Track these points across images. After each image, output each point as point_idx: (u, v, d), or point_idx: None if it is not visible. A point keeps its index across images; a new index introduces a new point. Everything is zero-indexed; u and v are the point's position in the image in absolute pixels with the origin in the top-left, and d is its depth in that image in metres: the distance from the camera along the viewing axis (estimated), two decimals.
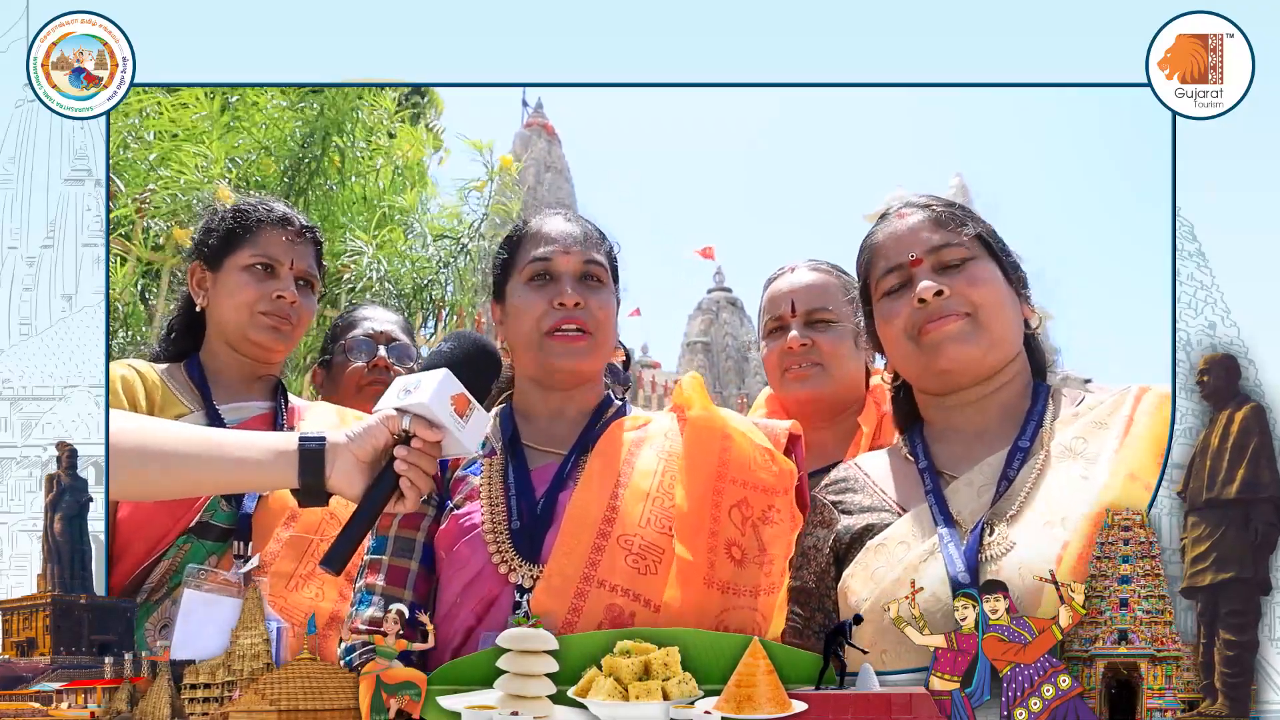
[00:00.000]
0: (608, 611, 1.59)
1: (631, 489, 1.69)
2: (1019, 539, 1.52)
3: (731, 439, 1.74)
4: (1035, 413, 1.65)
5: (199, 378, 2.13)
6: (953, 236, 1.67)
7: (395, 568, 1.72)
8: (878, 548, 1.60)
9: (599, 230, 1.85)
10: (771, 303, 2.41)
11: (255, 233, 2.15)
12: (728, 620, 1.61)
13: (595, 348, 1.77)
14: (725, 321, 20.97)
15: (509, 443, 1.79)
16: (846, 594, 1.61)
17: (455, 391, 1.53)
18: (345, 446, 1.52)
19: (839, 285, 2.38)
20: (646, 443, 1.77)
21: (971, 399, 1.68)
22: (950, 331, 1.63)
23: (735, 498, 1.69)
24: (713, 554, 1.64)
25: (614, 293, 1.84)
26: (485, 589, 1.65)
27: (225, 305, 2.14)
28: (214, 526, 1.97)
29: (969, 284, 1.64)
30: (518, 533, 1.67)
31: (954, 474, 1.64)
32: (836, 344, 2.33)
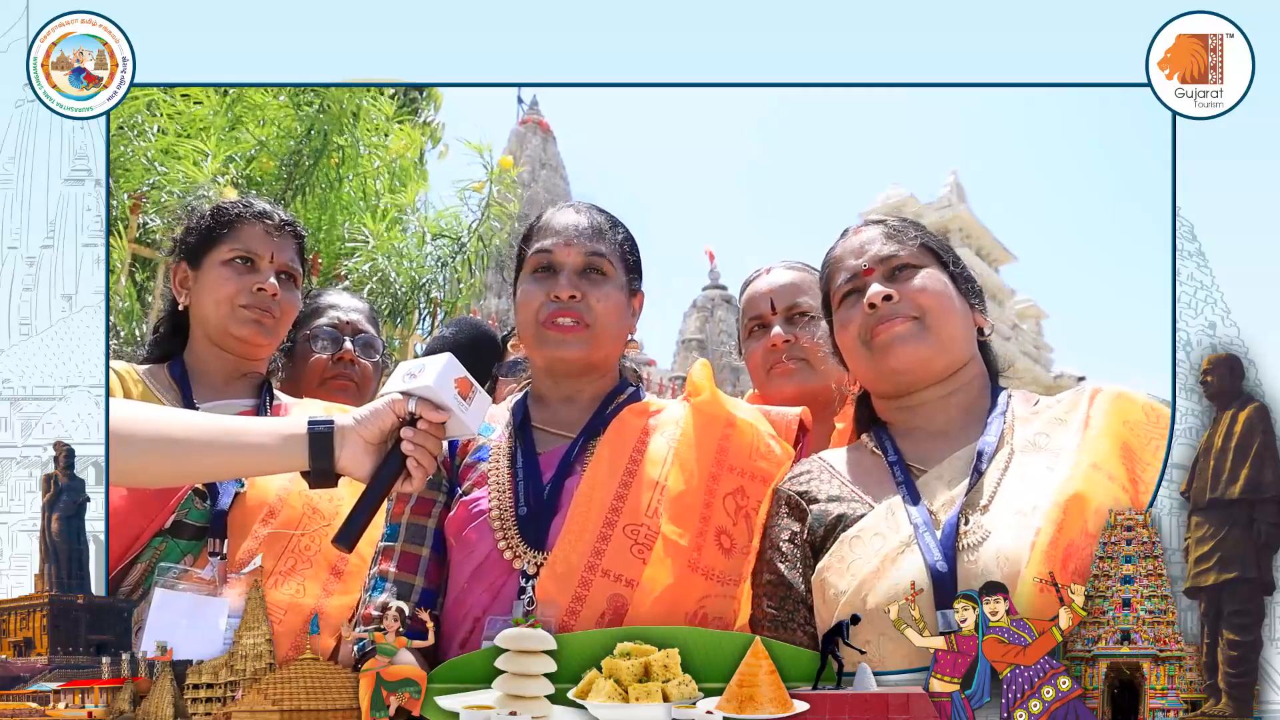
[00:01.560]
0: (611, 601, 1.60)
1: (640, 477, 1.69)
2: (993, 527, 1.54)
3: (735, 426, 1.75)
4: (997, 411, 1.71)
5: (180, 376, 2.11)
6: (901, 248, 1.75)
7: (407, 554, 1.73)
8: (853, 540, 1.61)
9: (610, 222, 1.85)
10: (751, 303, 2.44)
11: (234, 227, 2.14)
12: (707, 606, 1.62)
13: (592, 339, 1.77)
14: (720, 319, 20.99)
15: (518, 427, 1.79)
16: (824, 587, 1.61)
17: (458, 374, 1.57)
18: (353, 429, 1.55)
19: (814, 281, 2.39)
20: (658, 430, 1.77)
21: (930, 399, 1.73)
22: (899, 332, 1.70)
23: (731, 486, 1.70)
24: (701, 539, 1.65)
25: (622, 285, 1.83)
26: (492, 575, 1.66)
27: (207, 301, 2.12)
28: (188, 525, 1.94)
29: (916, 290, 1.72)
30: (524, 519, 1.68)
31: (923, 468, 1.67)
32: (818, 339, 2.34)
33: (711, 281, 21.77)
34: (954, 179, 16.23)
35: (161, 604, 1.75)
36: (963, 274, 1.81)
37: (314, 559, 1.97)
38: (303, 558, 1.97)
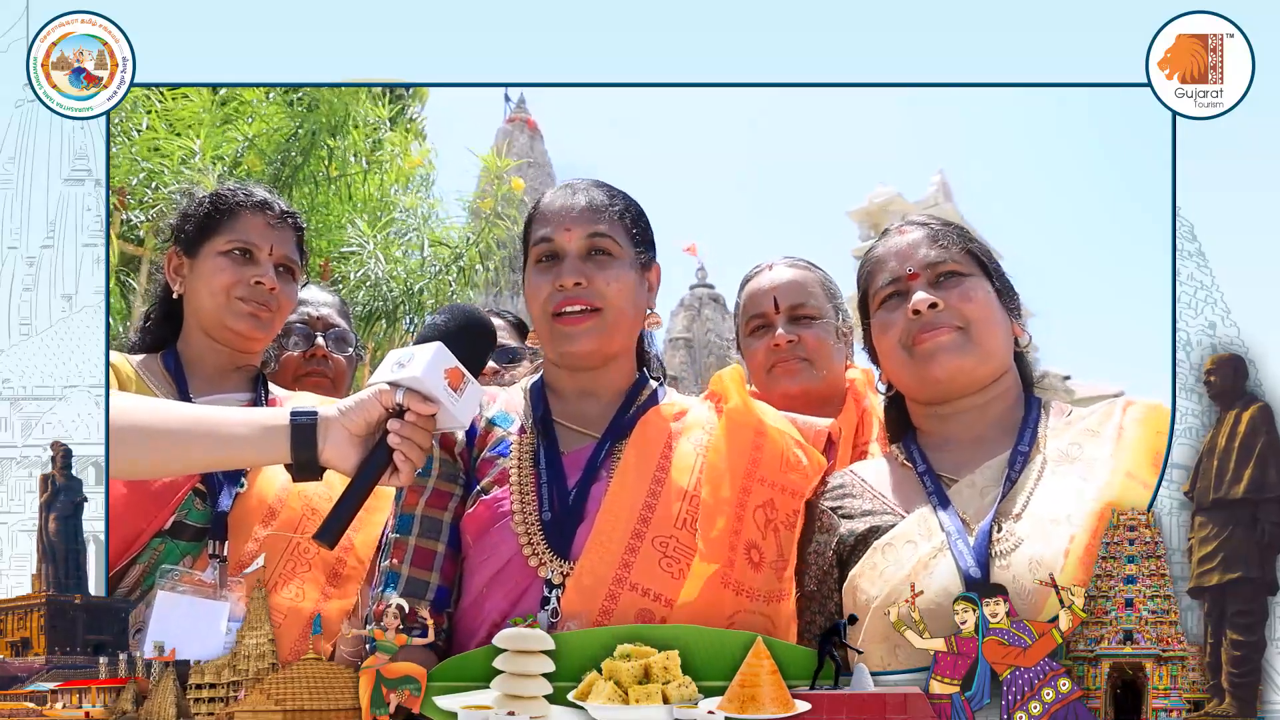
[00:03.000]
0: (639, 616, 1.55)
1: (668, 486, 1.64)
2: (1026, 535, 1.54)
3: (766, 435, 1.70)
4: (1031, 420, 1.70)
5: (175, 368, 2.06)
6: (949, 253, 1.72)
7: (422, 549, 1.67)
8: (885, 547, 1.61)
9: (610, 196, 1.76)
10: (752, 300, 2.40)
11: (233, 217, 2.07)
12: (737, 622, 1.57)
13: (606, 326, 1.70)
14: (707, 318, 20.91)
15: (540, 421, 1.72)
16: (855, 593, 1.61)
17: (449, 365, 1.51)
18: (337, 420, 1.50)
19: (817, 281, 2.40)
20: (684, 434, 1.71)
21: (966, 408, 1.72)
22: (943, 343, 1.68)
23: (762, 498, 1.65)
24: (733, 553, 1.60)
25: (631, 261, 1.74)
26: (514, 580, 1.61)
27: (202, 292, 2.06)
28: (188, 526, 1.90)
29: (962, 299, 1.69)
30: (549, 524, 1.62)
31: (954, 478, 1.66)
32: (821, 339, 2.35)
33: (699, 280, 21.70)
34: (940, 178, 16.27)
35: (162, 606, 1.73)
36: (1005, 283, 1.79)
37: (313, 561, 1.94)
38: (301, 560, 1.94)
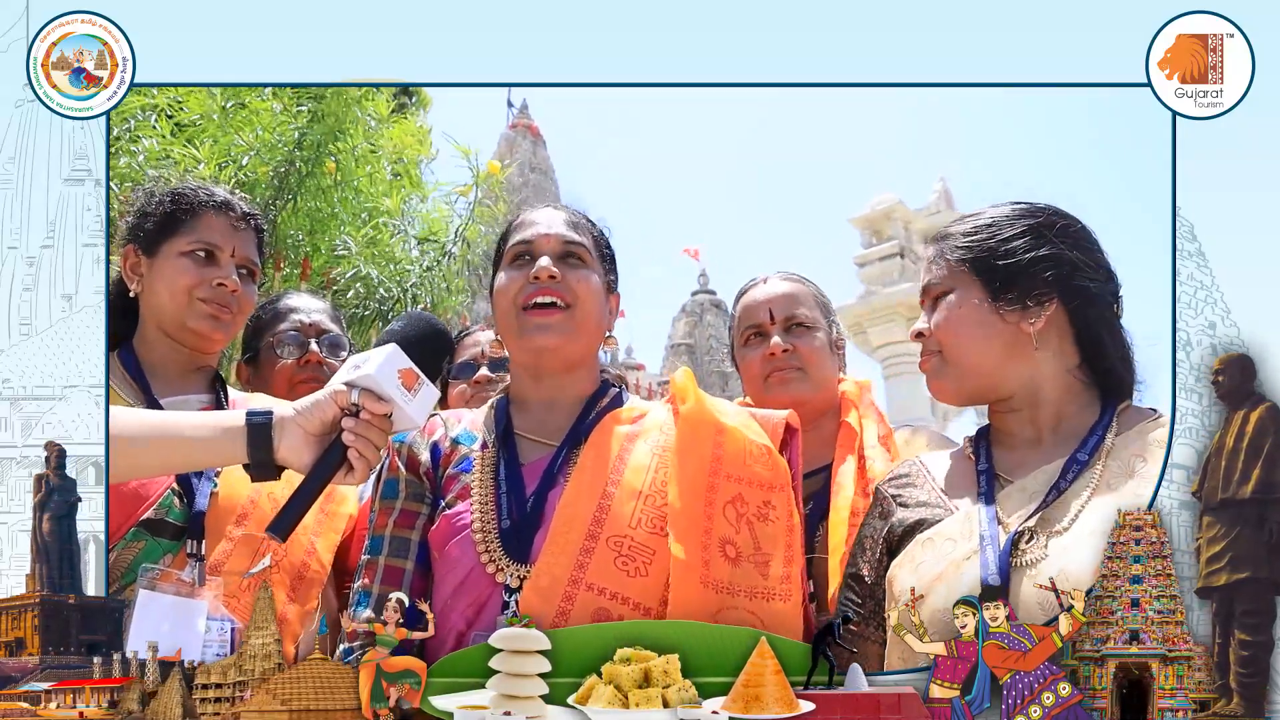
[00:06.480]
0: (596, 615, 1.57)
1: (623, 487, 1.66)
2: (1064, 548, 1.52)
3: (725, 432, 1.71)
4: (1098, 428, 1.65)
5: (135, 369, 2.05)
6: (940, 271, 1.72)
7: (390, 568, 1.71)
8: (926, 541, 1.62)
9: (586, 219, 1.84)
10: (748, 312, 2.45)
11: (195, 217, 2.06)
12: (722, 621, 1.57)
13: (573, 324, 1.73)
14: (709, 324, 20.91)
15: (501, 436, 1.76)
16: (892, 582, 1.62)
17: (403, 366, 1.54)
18: (293, 420, 1.52)
19: (811, 294, 2.45)
20: (641, 437, 1.73)
21: (1016, 407, 1.70)
22: (925, 369, 1.73)
23: (730, 494, 1.66)
24: (707, 552, 1.61)
25: (600, 274, 1.80)
26: (475, 590, 1.63)
27: (162, 292, 2.05)
28: (169, 525, 1.91)
29: (939, 326, 1.71)
30: (506, 532, 1.65)
31: (1010, 478, 1.66)
32: (815, 349, 2.38)
33: (700, 285, 21.69)
34: (942, 185, 16.25)
35: (143, 604, 1.74)
36: (1008, 298, 1.68)
37: (280, 564, 1.95)
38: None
